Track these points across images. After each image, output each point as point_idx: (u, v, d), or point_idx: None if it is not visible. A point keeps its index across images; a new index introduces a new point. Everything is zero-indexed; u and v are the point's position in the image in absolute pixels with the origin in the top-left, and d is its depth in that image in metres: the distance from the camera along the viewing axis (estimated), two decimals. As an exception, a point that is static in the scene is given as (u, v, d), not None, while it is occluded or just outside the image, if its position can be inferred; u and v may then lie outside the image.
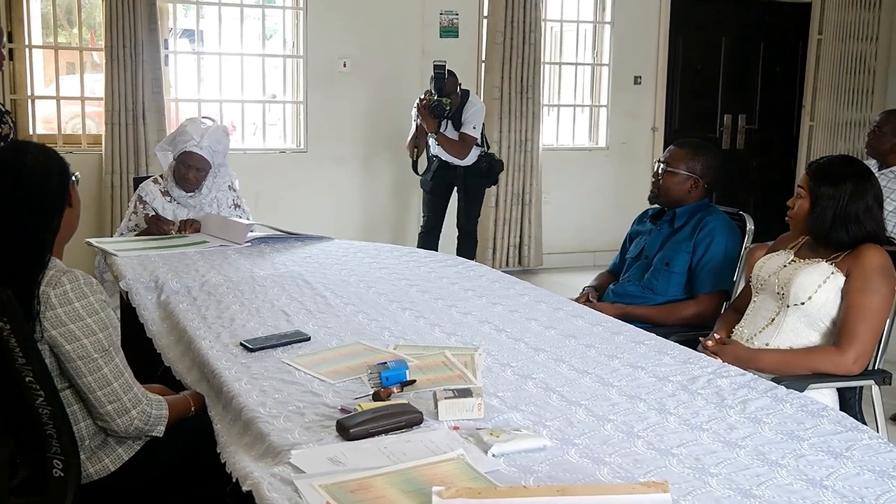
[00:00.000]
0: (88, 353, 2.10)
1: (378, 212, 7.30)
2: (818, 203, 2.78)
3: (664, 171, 3.50)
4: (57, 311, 2.07)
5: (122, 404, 2.15)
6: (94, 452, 2.22)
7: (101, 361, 2.12)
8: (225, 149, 4.46)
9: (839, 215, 2.75)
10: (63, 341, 2.08)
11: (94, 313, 2.11)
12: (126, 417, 2.16)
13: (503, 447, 1.79)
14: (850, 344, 2.68)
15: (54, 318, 2.07)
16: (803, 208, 2.83)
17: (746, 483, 1.69)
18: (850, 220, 2.74)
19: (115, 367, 2.14)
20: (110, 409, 2.14)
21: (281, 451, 1.80)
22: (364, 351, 2.48)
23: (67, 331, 2.08)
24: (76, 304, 2.09)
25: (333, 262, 3.73)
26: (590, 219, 7.89)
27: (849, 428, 1.97)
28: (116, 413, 2.14)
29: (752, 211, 3.60)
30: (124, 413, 2.15)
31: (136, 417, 2.17)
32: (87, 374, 2.11)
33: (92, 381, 2.11)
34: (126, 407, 2.15)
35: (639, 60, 7.95)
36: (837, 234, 2.76)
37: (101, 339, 2.12)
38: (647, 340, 2.67)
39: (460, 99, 6.09)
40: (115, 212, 6.29)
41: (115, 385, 2.14)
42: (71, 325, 2.08)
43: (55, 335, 2.07)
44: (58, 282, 2.09)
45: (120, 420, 2.15)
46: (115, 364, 2.15)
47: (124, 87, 6.24)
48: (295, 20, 6.99)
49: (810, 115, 8.45)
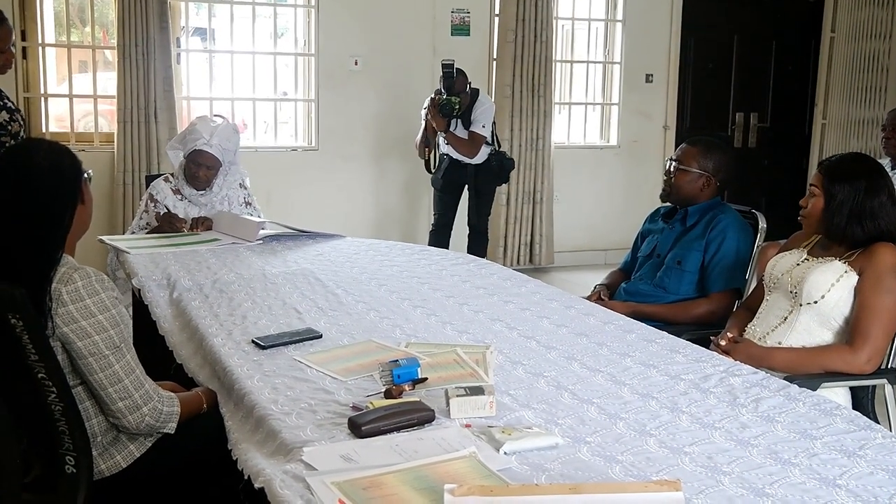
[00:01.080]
0: (100, 350, 2.11)
1: (389, 210, 7.30)
2: (833, 200, 2.77)
3: (676, 170, 3.50)
4: (69, 307, 2.08)
5: (134, 401, 2.16)
6: (106, 449, 2.23)
7: (113, 358, 2.12)
8: (235, 146, 4.46)
9: (854, 212, 2.74)
10: (74, 338, 2.09)
11: (106, 310, 2.12)
12: (137, 414, 2.16)
13: (515, 445, 1.79)
14: (862, 343, 2.67)
15: (66, 315, 2.08)
16: (817, 207, 2.82)
17: (759, 482, 1.68)
18: (866, 216, 2.73)
19: (126, 363, 2.15)
20: (121, 405, 2.15)
21: (293, 449, 1.80)
22: (376, 349, 2.48)
23: (79, 327, 2.09)
24: (87, 301, 2.10)
25: (345, 260, 3.73)
26: (601, 217, 7.87)
27: (862, 427, 1.96)
28: (128, 410, 2.15)
29: (764, 209, 3.59)
30: (135, 410, 2.16)
31: (147, 414, 2.18)
32: (99, 370, 2.12)
33: (103, 377, 2.12)
34: (137, 404, 2.16)
35: (650, 58, 7.93)
36: (853, 232, 2.75)
37: (113, 335, 2.12)
38: (658, 339, 2.66)
39: (470, 97, 6.08)
40: (126, 210, 6.31)
41: (126, 382, 2.14)
42: (82, 322, 2.09)
43: (67, 332, 2.08)
44: (69, 279, 2.10)
45: (131, 417, 2.16)
46: (127, 361, 2.15)
47: (136, 86, 6.26)
48: (307, 18, 7.00)
49: (823, 113, 8.42)
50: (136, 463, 2.25)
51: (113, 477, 2.23)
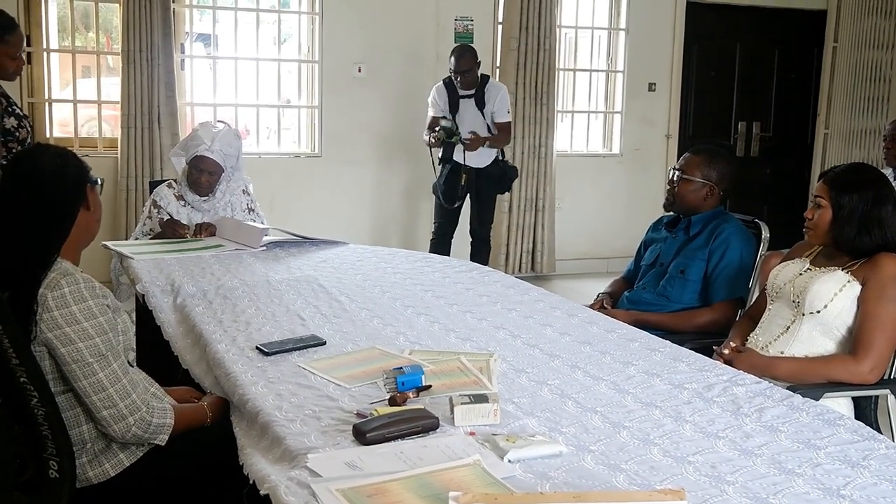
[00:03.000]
0: (83, 357, 2.09)
1: (391, 217, 7.31)
2: (842, 211, 2.77)
3: (679, 179, 3.50)
4: (53, 313, 2.08)
5: (118, 410, 2.13)
6: (97, 456, 2.20)
7: (97, 366, 2.10)
8: (237, 152, 4.46)
9: (864, 222, 2.74)
10: (58, 344, 2.08)
11: (92, 317, 2.11)
12: (122, 424, 2.13)
13: (519, 453, 1.79)
14: (865, 353, 2.67)
15: (50, 321, 2.07)
16: (825, 218, 2.82)
17: (763, 491, 1.69)
18: (874, 225, 2.74)
19: (111, 372, 2.12)
20: (105, 414, 2.12)
21: (297, 455, 1.80)
22: (380, 356, 2.48)
23: (63, 333, 2.08)
24: (73, 308, 2.09)
25: (348, 267, 3.74)
26: (603, 225, 7.88)
27: (865, 437, 1.97)
28: (112, 419, 2.13)
29: (766, 218, 3.60)
30: (120, 419, 2.13)
31: (133, 424, 2.14)
32: (82, 377, 2.10)
33: (87, 385, 2.10)
34: (122, 413, 2.13)
35: (653, 67, 7.94)
36: (862, 241, 2.76)
37: (98, 343, 2.11)
38: (662, 348, 2.67)
39: (479, 80, 6.11)
40: (130, 215, 6.32)
41: (111, 391, 2.12)
42: (66, 329, 2.08)
43: (50, 337, 2.08)
44: (56, 284, 2.09)
45: (116, 426, 2.13)
46: (113, 369, 2.13)
47: (140, 92, 6.28)
48: (310, 25, 7.01)
49: (825, 123, 8.42)
50: (125, 472, 2.21)
51: (101, 485, 2.20)
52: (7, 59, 3.87)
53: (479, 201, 6.31)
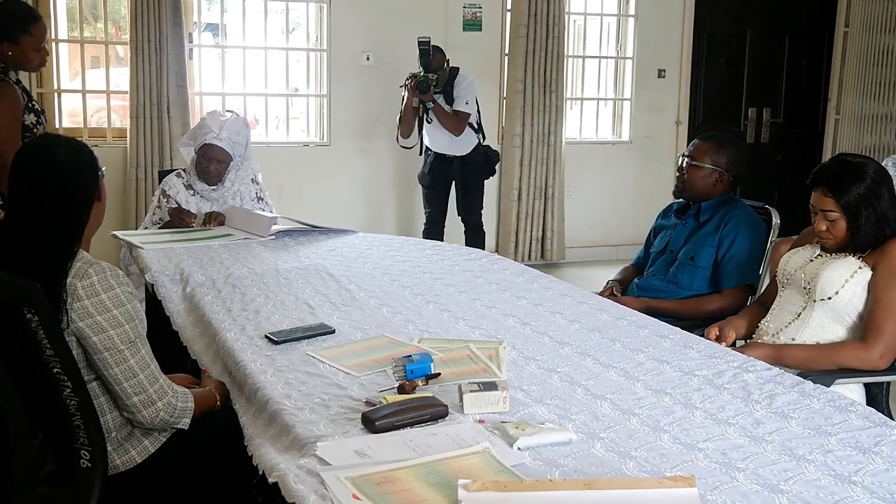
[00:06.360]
0: (115, 345, 2.12)
1: (400, 205, 7.29)
2: (857, 219, 2.72)
3: (689, 166, 3.48)
4: (84, 302, 2.09)
5: (148, 396, 2.16)
6: (121, 444, 2.24)
7: (128, 353, 2.13)
8: (245, 140, 4.46)
9: (879, 223, 2.71)
10: (90, 332, 2.10)
11: (121, 305, 2.13)
12: (152, 409, 2.17)
13: (529, 440, 1.79)
14: (876, 339, 2.66)
15: (81, 310, 2.09)
16: (842, 229, 2.76)
17: (774, 478, 1.68)
18: (889, 222, 2.71)
19: (140, 358, 2.16)
20: (136, 400, 2.15)
21: (306, 444, 1.81)
22: (389, 344, 2.49)
23: (94, 322, 2.10)
24: (103, 296, 2.11)
25: (357, 256, 3.74)
26: (612, 213, 7.86)
27: (877, 423, 1.96)
28: (142, 404, 2.16)
29: (777, 205, 3.57)
30: (150, 405, 2.17)
31: (161, 409, 2.18)
32: (114, 365, 2.12)
33: (118, 372, 2.13)
34: (152, 398, 2.17)
35: (663, 54, 7.90)
36: (878, 237, 2.73)
37: (127, 330, 2.14)
38: (671, 335, 2.66)
39: (448, 75, 6.07)
40: (139, 205, 6.33)
41: (141, 377, 2.15)
42: (97, 317, 2.10)
43: (82, 326, 2.09)
44: (85, 273, 2.11)
45: (146, 412, 2.17)
46: (142, 356, 2.16)
47: (149, 81, 6.27)
48: (318, 14, 7.00)
49: (836, 108, 8.36)
50: (150, 458, 2.26)
51: (128, 472, 2.24)
52: (31, 51, 3.86)
53: (465, 189, 6.28)
